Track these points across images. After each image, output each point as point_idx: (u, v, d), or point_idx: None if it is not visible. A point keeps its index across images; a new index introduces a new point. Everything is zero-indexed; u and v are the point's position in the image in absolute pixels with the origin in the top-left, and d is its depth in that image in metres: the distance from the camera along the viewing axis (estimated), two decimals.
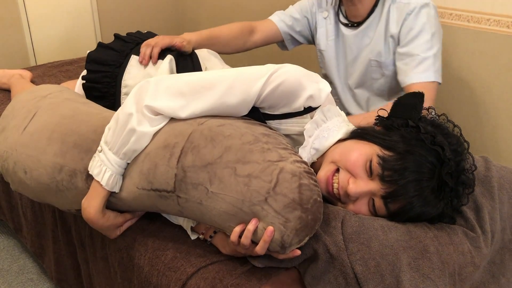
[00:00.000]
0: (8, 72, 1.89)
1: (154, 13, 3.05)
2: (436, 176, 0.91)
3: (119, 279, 1.15)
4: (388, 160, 0.92)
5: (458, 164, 0.93)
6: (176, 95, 0.98)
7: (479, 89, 1.82)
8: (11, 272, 1.78)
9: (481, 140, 1.85)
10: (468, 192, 0.97)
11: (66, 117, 1.16)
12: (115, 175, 1.00)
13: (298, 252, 0.89)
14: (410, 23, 1.42)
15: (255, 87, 0.95)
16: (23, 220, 1.64)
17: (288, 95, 0.97)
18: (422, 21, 1.41)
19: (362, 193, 0.94)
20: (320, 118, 1.03)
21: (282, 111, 1.01)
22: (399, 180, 0.90)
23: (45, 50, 2.69)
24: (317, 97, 1.00)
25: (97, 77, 1.46)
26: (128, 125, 0.97)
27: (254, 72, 0.98)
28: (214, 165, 0.92)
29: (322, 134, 1.02)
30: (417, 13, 1.41)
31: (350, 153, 0.97)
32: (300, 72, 0.99)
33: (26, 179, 1.14)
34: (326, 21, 1.62)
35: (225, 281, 0.94)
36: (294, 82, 0.96)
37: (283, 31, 1.72)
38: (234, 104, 0.98)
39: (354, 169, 0.95)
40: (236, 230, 0.89)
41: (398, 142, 0.94)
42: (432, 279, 0.86)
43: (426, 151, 0.92)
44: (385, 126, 1.01)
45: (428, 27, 1.41)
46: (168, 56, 1.44)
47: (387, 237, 0.90)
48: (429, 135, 0.94)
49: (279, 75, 0.96)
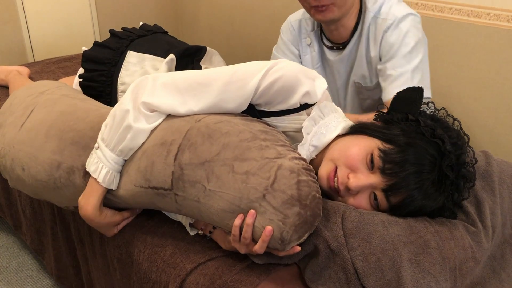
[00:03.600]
0: (5, 68, 1.88)
1: (152, 8, 3.05)
2: (437, 168, 0.91)
3: (118, 275, 1.14)
4: (389, 153, 0.92)
5: (458, 157, 0.93)
6: (173, 92, 0.98)
7: (479, 83, 1.81)
8: (10, 269, 1.78)
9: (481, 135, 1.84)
10: (469, 186, 0.97)
11: (64, 114, 1.15)
12: (112, 172, 1.00)
13: (298, 249, 0.89)
14: (387, 40, 1.36)
15: (252, 82, 0.95)
16: (22, 217, 1.63)
17: (285, 90, 0.97)
18: (399, 36, 1.34)
19: (363, 187, 0.94)
20: (318, 115, 1.02)
21: (278, 108, 1.00)
22: (399, 172, 0.90)
23: (43, 47, 2.68)
24: (313, 93, 0.99)
25: (93, 75, 1.46)
26: (125, 122, 0.97)
27: (251, 67, 0.98)
28: (211, 162, 0.91)
29: (320, 130, 1.02)
30: (394, 29, 1.35)
31: (349, 149, 0.96)
32: (297, 67, 0.99)
33: (24, 176, 1.14)
34: (310, 48, 1.55)
35: (225, 277, 0.93)
36: (291, 77, 0.96)
37: None
38: (232, 101, 0.97)
39: (353, 164, 0.94)
40: (236, 223, 0.89)
41: (398, 135, 0.94)
42: (433, 274, 0.86)
43: (426, 144, 0.92)
44: (384, 121, 1.01)
45: (406, 41, 1.34)
46: (170, 55, 1.43)
47: (388, 232, 0.89)
48: (429, 128, 0.94)
49: (276, 70, 0.96)
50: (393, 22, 1.35)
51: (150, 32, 1.57)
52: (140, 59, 1.46)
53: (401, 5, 1.39)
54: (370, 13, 1.40)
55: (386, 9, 1.38)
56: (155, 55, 1.47)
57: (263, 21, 2.59)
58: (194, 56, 1.50)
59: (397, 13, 1.35)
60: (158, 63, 1.45)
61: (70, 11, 2.72)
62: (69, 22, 2.73)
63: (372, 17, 1.39)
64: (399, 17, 1.35)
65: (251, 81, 0.95)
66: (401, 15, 1.35)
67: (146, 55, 1.47)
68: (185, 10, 3.12)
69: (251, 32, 2.68)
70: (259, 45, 1.92)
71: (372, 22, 1.40)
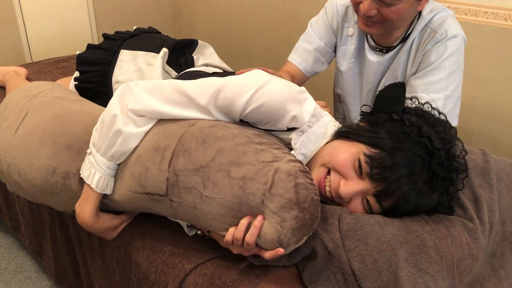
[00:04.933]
0: (3, 69, 1.87)
1: (150, 8, 3.04)
2: (426, 168, 0.90)
3: (117, 276, 1.14)
4: (375, 158, 0.91)
5: (448, 152, 0.92)
6: (160, 98, 0.97)
7: (477, 82, 1.82)
8: (9, 270, 1.78)
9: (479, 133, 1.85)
10: (462, 177, 0.97)
11: (57, 117, 1.14)
12: (105, 177, 0.99)
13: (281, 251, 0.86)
14: (429, 55, 1.28)
15: (239, 103, 0.93)
16: (20, 218, 1.63)
17: (271, 115, 0.95)
18: (442, 55, 1.26)
19: (354, 194, 0.94)
20: (306, 125, 1.00)
21: (266, 128, 0.99)
22: (389, 177, 0.89)
23: (41, 47, 2.67)
24: (300, 118, 0.97)
25: (88, 77, 1.46)
26: (114, 126, 0.96)
27: (239, 86, 0.95)
28: (207, 168, 0.90)
29: (309, 138, 1.00)
30: (440, 45, 1.26)
31: (337, 154, 0.96)
32: (284, 93, 0.95)
33: (20, 181, 1.13)
34: (350, 40, 1.45)
35: (224, 277, 0.93)
36: (277, 105, 0.93)
37: (308, 72, 1.55)
38: (220, 116, 0.97)
39: (343, 170, 0.94)
40: (243, 222, 0.87)
41: (384, 139, 0.93)
42: (431, 273, 0.86)
43: (413, 145, 0.91)
44: (369, 122, 1.00)
45: (447, 64, 1.26)
46: (163, 49, 1.42)
47: (384, 233, 0.89)
48: (415, 127, 0.92)
49: (263, 94, 0.93)
50: (442, 38, 1.27)
51: (143, 32, 1.58)
52: (133, 56, 1.45)
53: (454, 22, 1.30)
54: (423, 22, 1.32)
55: (439, 20, 1.30)
56: (148, 50, 1.46)
57: (261, 21, 2.58)
58: (186, 49, 1.50)
59: (449, 30, 1.27)
60: (151, 58, 1.44)
61: (67, 11, 2.71)
62: (66, 23, 2.73)
63: (423, 26, 1.32)
64: (449, 36, 1.26)
65: (238, 102, 0.93)
66: (452, 34, 1.26)
67: (139, 52, 1.46)
68: (183, 11, 3.12)
69: (249, 32, 2.67)
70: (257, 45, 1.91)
71: (421, 30, 1.32)
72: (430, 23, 1.31)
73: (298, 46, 1.56)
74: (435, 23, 1.30)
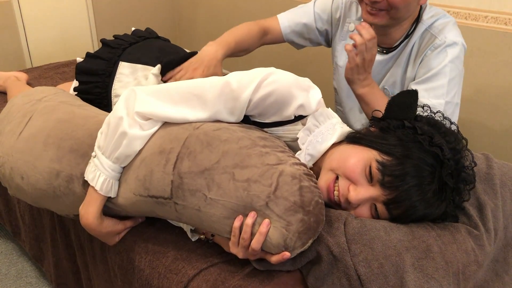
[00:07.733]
0: (3, 74, 1.87)
1: (150, 12, 3.05)
2: (437, 178, 0.90)
3: (120, 282, 1.14)
4: (388, 166, 0.90)
5: (457, 162, 0.92)
6: (167, 100, 0.98)
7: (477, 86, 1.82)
8: (10, 276, 1.77)
9: (480, 137, 1.85)
10: (469, 188, 0.97)
11: (62, 121, 1.14)
12: (110, 180, 0.99)
13: (287, 255, 0.86)
14: (429, 60, 1.29)
15: (244, 95, 0.94)
16: (21, 224, 1.63)
17: (278, 104, 0.96)
18: (442, 61, 1.27)
19: (363, 200, 0.93)
20: (313, 124, 1.01)
21: (272, 119, 1.00)
22: (400, 186, 0.89)
23: (41, 52, 2.68)
24: (307, 105, 0.98)
25: (88, 88, 1.44)
26: (120, 129, 0.96)
27: (243, 79, 0.96)
28: (211, 170, 0.90)
29: (316, 139, 1.01)
30: (440, 52, 1.27)
31: (347, 159, 0.95)
32: (290, 80, 0.97)
33: (23, 184, 1.13)
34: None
35: (227, 283, 0.93)
36: (284, 91, 0.95)
37: (286, 38, 1.60)
38: (226, 113, 0.97)
39: (353, 176, 0.94)
40: (236, 225, 0.88)
41: (395, 146, 0.92)
42: (437, 279, 0.86)
43: (424, 154, 0.90)
44: (380, 128, 0.99)
45: (447, 71, 1.27)
46: (157, 66, 1.41)
47: (390, 238, 0.89)
48: (427, 136, 0.92)
49: (269, 83, 0.94)
50: (442, 44, 1.28)
51: (142, 38, 1.56)
52: (133, 69, 1.44)
53: (455, 29, 1.31)
54: (423, 26, 1.33)
55: (439, 26, 1.30)
56: (147, 64, 1.45)
57: None
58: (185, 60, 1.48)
59: (449, 36, 1.28)
60: (149, 72, 1.44)
61: (67, 16, 2.72)
62: (66, 28, 2.73)
63: (424, 30, 1.33)
64: (449, 42, 1.27)
65: (243, 94, 0.94)
66: (452, 41, 1.27)
67: (138, 65, 1.45)
68: (183, 15, 3.12)
69: None
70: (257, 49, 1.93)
71: (421, 35, 1.33)
72: (430, 28, 1.32)
73: (295, 12, 1.59)
74: (436, 29, 1.31)
